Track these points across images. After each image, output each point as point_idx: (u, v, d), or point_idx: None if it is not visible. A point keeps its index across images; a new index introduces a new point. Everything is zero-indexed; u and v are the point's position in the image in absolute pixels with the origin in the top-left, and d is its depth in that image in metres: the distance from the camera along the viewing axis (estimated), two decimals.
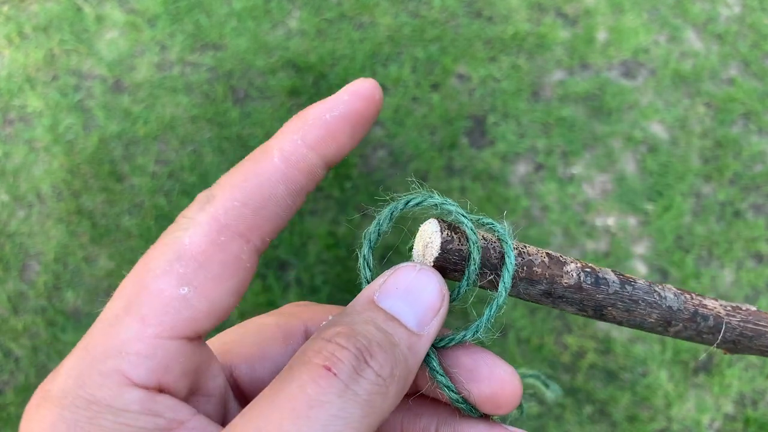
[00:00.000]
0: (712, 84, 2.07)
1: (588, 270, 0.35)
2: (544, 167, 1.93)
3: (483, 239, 0.34)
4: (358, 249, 0.35)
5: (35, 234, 1.85)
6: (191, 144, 1.96)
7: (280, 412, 0.26)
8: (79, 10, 2.15)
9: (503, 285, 0.33)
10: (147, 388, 0.27)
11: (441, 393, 0.33)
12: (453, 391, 0.33)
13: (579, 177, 1.92)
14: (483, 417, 0.34)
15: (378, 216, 0.34)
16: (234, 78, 2.05)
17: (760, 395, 1.68)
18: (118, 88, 2.04)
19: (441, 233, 0.33)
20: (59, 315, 1.75)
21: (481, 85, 2.05)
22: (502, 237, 0.34)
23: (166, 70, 2.06)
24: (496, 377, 0.33)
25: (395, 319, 0.30)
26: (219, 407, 0.32)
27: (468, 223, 0.33)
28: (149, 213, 1.86)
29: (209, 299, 0.29)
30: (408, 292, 0.31)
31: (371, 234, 0.34)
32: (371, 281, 0.33)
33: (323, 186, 1.89)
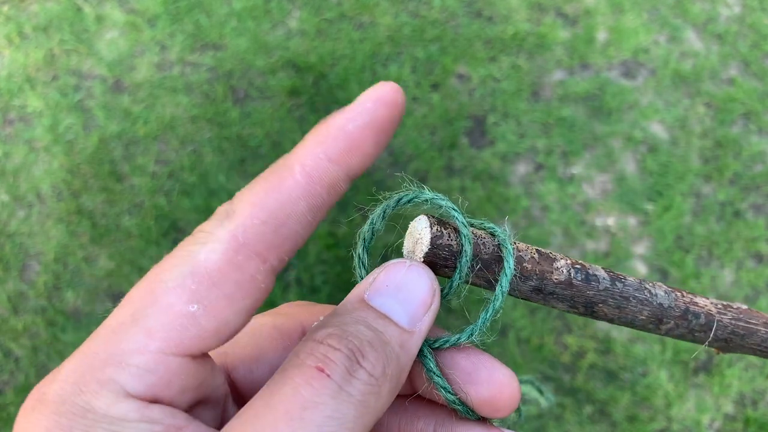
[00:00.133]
0: (712, 84, 2.07)
1: (578, 267, 0.35)
2: (544, 167, 1.93)
3: (474, 235, 0.33)
4: (352, 248, 0.35)
5: (35, 234, 1.85)
6: (191, 144, 1.96)
7: (274, 414, 0.26)
8: (79, 10, 2.15)
9: (500, 289, 0.33)
10: (144, 399, 0.27)
11: (438, 395, 0.33)
12: (450, 393, 0.33)
13: (579, 177, 1.92)
14: (481, 420, 0.34)
15: (371, 215, 0.34)
16: (234, 78, 2.05)
17: (760, 395, 1.68)
18: (118, 88, 2.04)
19: (431, 228, 0.32)
20: (59, 315, 1.75)
21: (481, 85, 2.05)
22: (502, 242, 0.34)
23: (166, 70, 2.07)
24: (494, 380, 0.33)
25: (386, 317, 0.30)
26: (218, 412, 0.32)
27: (459, 218, 0.33)
28: (149, 213, 1.86)
29: (218, 319, 0.28)
30: (398, 289, 0.31)
31: (365, 233, 0.34)
32: None
33: None
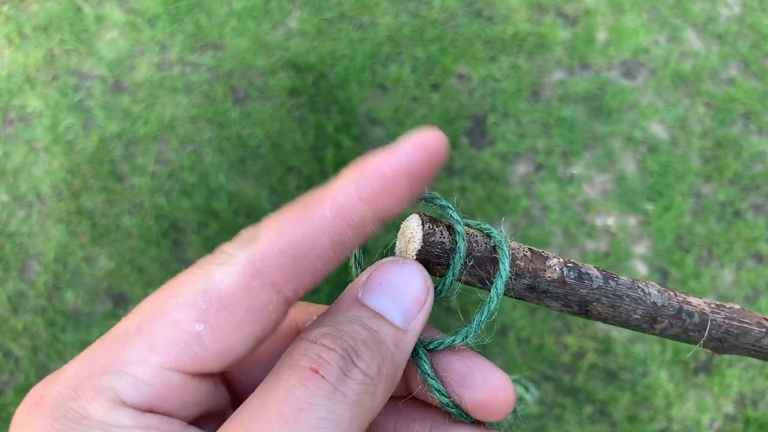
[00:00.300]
0: (712, 84, 2.07)
1: (570, 265, 0.35)
2: (544, 167, 1.93)
3: (467, 233, 0.34)
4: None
5: (35, 234, 1.85)
6: (191, 144, 1.96)
7: (268, 417, 0.26)
8: (79, 10, 2.15)
9: (495, 291, 0.33)
10: (139, 409, 0.27)
11: (432, 397, 0.33)
12: (444, 395, 0.33)
13: (579, 177, 1.92)
14: (475, 423, 0.34)
15: None
16: (234, 78, 2.05)
17: (760, 395, 1.68)
18: (118, 88, 2.04)
19: (422, 226, 0.33)
20: (59, 315, 1.75)
21: (481, 85, 2.05)
22: (498, 243, 0.34)
23: (166, 70, 2.07)
24: (489, 384, 0.33)
25: (380, 316, 0.30)
26: (218, 421, 0.32)
27: (454, 215, 0.33)
28: (149, 213, 1.86)
29: (223, 342, 0.28)
30: (392, 287, 0.31)
31: None
32: None
33: None
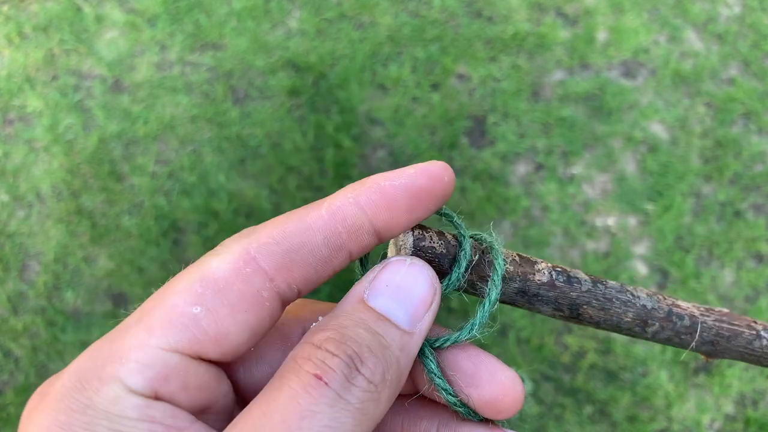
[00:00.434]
0: (712, 84, 2.07)
1: (559, 269, 0.36)
2: (544, 167, 1.93)
3: (454, 238, 0.35)
4: None
5: (35, 234, 1.85)
6: (191, 144, 1.96)
7: (271, 423, 0.26)
8: (79, 10, 2.15)
9: (493, 284, 0.34)
10: (145, 396, 0.27)
11: (440, 395, 0.33)
12: (451, 395, 0.33)
13: (579, 177, 1.92)
14: (484, 421, 0.34)
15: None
16: (234, 78, 2.05)
17: (760, 395, 1.68)
18: (117, 88, 2.04)
19: (412, 232, 0.33)
20: (59, 315, 1.75)
21: (481, 85, 2.05)
22: (489, 244, 0.35)
23: (166, 70, 2.06)
24: (497, 382, 0.33)
25: (386, 319, 0.30)
26: (224, 417, 0.32)
27: (456, 219, 0.35)
28: (149, 213, 1.86)
29: (219, 325, 0.29)
30: (398, 288, 0.31)
31: None
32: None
33: (324, 186, 1.89)
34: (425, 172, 0.32)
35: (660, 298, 0.38)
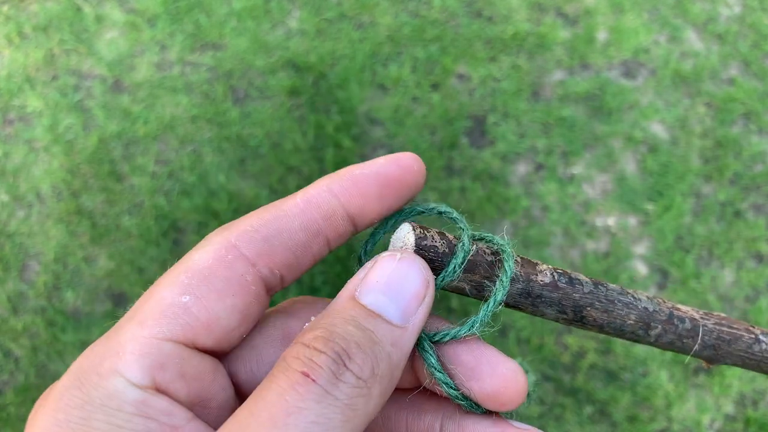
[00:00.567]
0: (712, 84, 2.07)
1: (560, 271, 0.36)
2: (544, 167, 1.93)
3: (455, 240, 0.35)
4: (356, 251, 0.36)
5: (35, 234, 1.85)
6: (191, 144, 1.96)
7: (259, 420, 0.26)
8: (79, 10, 2.15)
9: (501, 284, 0.34)
10: (143, 387, 0.27)
11: (441, 389, 0.33)
12: (452, 388, 0.33)
13: (579, 177, 1.92)
14: (487, 413, 0.34)
15: (375, 227, 0.37)
16: (234, 78, 2.05)
17: (760, 395, 1.68)
18: (117, 88, 2.04)
19: (414, 232, 0.33)
20: (59, 315, 1.75)
21: (481, 85, 2.05)
22: (500, 247, 0.35)
23: (166, 70, 2.06)
24: (498, 375, 0.33)
25: (377, 315, 0.30)
26: (226, 414, 0.32)
27: (456, 214, 0.35)
28: (149, 213, 1.86)
29: (209, 310, 0.30)
30: (389, 283, 0.31)
31: (368, 241, 0.37)
32: None
33: None
34: (395, 161, 0.34)
35: (660, 301, 0.38)
